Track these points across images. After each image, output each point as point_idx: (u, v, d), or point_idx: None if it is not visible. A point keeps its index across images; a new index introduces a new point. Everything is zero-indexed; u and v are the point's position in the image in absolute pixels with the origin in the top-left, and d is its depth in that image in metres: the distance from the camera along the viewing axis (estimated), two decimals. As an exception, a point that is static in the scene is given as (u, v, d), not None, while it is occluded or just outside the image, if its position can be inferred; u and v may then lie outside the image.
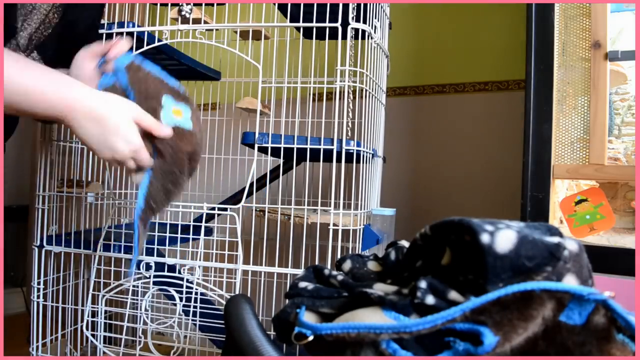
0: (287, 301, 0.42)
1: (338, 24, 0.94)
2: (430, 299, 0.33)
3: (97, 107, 0.65)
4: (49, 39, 0.75)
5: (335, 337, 0.34)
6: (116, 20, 1.08)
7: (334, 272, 0.46)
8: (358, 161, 1.03)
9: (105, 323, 1.53)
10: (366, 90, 1.00)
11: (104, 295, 1.17)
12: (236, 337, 0.41)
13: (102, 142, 0.67)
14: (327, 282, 0.45)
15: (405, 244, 0.49)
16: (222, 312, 1.13)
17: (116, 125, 0.66)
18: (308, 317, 0.39)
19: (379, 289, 0.40)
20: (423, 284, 0.34)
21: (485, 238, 0.32)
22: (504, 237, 0.32)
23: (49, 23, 0.74)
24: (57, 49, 0.78)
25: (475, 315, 0.31)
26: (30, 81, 0.63)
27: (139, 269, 1.08)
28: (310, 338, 0.36)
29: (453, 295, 0.33)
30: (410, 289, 0.35)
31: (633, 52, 0.96)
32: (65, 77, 0.67)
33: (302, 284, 0.43)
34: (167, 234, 1.10)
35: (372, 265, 0.50)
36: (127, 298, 1.67)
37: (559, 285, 0.31)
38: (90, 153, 1.13)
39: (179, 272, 1.05)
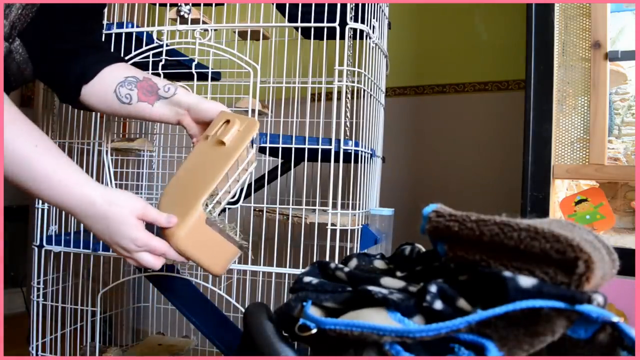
0: (290, 296, 0.43)
1: (336, 24, 0.94)
2: (438, 304, 0.33)
3: (100, 208, 0.68)
4: (32, 27, 0.74)
5: (338, 333, 0.34)
6: (116, 21, 1.09)
7: (340, 265, 0.46)
8: (356, 161, 1.03)
9: (105, 323, 1.53)
10: (364, 90, 1.00)
11: (103, 295, 1.17)
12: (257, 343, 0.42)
13: (110, 240, 0.70)
14: (333, 277, 0.45)
15: (422, 248, 0.49)
16: (221, 312, 1.13)
17: (117, 226, 0.68)
18: (313, 311, 0.39)
19: (387, 282, 0.40)
20: (433, 288, 0.34)
21: (508, 272, 0.32)
22: (526, 278, 0.32)
23: (30, 8, 0.72)
24: (41, 42, 0.77)
25: (481, 327, 0.31)
26: (45, 169, 0.64)
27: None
28: (314, 331, 0.36)
29: (462, 303, 0.33)
30: (419, 290, 0.35)
31: (633, 52, 0.95)
32: (75, 168, 0.68)
33: (307, 279, 0.44)
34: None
35: (379, 264, 0.50)
36: (127, 298, 1.68)
37: (569, 305, 0.30)
38: (90, 153, 1.13)
39: (178, 272, 1.05)
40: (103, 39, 1.05)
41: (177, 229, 0.70)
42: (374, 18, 1.03)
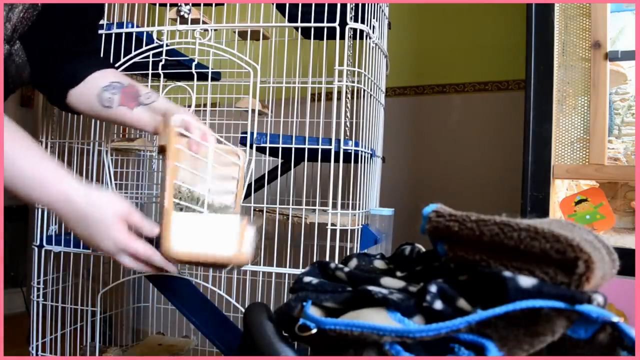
0: (290, 296, 0.43)
1: (336, 24, 0.94)
2: (438, 304, 0.33)
3: (81, 207, 0.67)
4: (32, 30, 0.74)
5: (338, 333, 0.34)
6: (116, 21, 1.09)
7: (340, 265, 0.46)
8: (356, 161, 1.03)
9: (105, 323, 1.53)
10: (364, 90, 1.00)
11: (103, 295, 1.17)
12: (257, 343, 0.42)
13: (89, 239, 0.69)
14: (333, 277, 0.45)
15: (422, 248, 0.49)
16: (221, 312, 1.13)
17: (97, 225, 0.67)
18: (313, 311, 0.39)
19: (387, 282, 0.40)
20: (433, 288, 0.34)
21: (508, 272, 0.32)
22: (526, 278, 0.32)
23: (32, 12, 0.73)
24: (39, 45, 0.78)
25: (481, 327, 0.31)
26: (24, 166, 0.64)
27: None
28: (314, 331, 0.36)
29: (462, 303, 0.33)
30: (419, 290, 0.35)
31: (633, 52, 0.95)
32: (55, 166, 0.68)
33: (307, 279, 0.44)
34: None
35: (379, 264, 0.50)
36: (127, 298, 1.67)
37: (569, 305, 0.30)
38: (90, 153, 1.13)
39: (178, 272, 1.05)
40: (103, 39, 1.05)
41: (163, 240, 0.70)
42: (374, 18, 1.03)
